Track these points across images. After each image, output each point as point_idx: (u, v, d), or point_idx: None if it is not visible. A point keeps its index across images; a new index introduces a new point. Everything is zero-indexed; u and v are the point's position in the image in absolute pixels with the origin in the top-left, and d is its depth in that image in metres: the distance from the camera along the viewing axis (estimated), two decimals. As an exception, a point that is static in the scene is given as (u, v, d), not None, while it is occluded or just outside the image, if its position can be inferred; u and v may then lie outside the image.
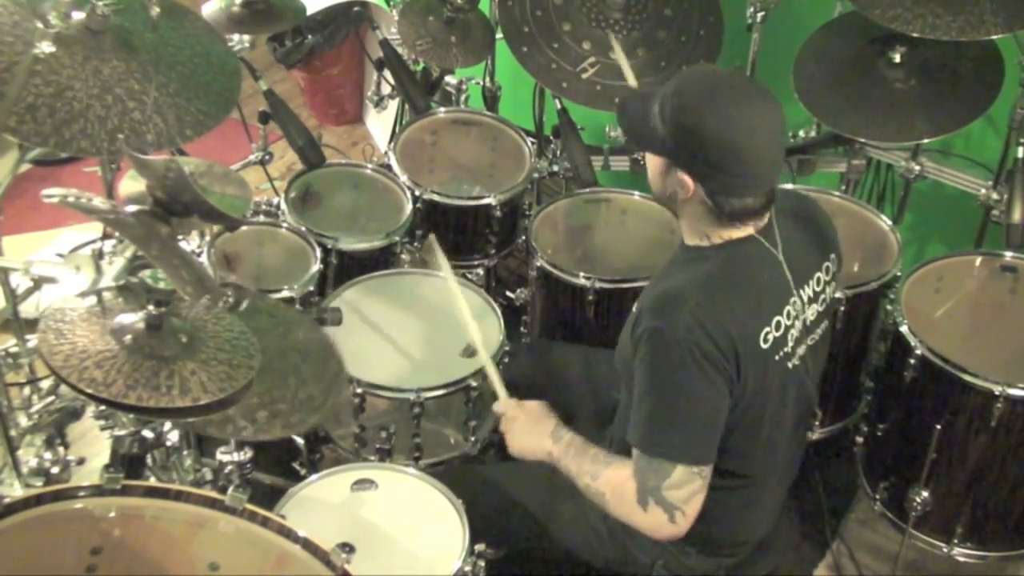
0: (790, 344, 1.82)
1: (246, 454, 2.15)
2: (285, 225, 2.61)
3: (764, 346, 1.76)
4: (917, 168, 2.83)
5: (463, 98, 3.29)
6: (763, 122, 1.72)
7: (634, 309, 1.87)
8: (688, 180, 1.75)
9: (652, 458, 1.76)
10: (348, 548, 1.80)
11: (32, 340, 2.08)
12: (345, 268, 2.59)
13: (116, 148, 1.69)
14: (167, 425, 2.08)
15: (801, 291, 1.84)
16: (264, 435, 1.75)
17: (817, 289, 1.87)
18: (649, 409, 1.77)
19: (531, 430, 2.00)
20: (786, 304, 1.81)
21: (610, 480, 1.84)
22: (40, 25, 1.71)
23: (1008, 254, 2.47)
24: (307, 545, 1.53)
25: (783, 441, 1.91)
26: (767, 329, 1.77)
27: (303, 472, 2.39)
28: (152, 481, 2.07)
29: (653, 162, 1.82)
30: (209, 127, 1.83)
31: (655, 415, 1.76)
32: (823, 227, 1.96)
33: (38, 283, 1.76)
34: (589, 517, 2.00)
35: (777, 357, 1.80)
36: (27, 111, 1.63)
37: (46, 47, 1.70)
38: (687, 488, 1.75)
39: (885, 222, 2.64)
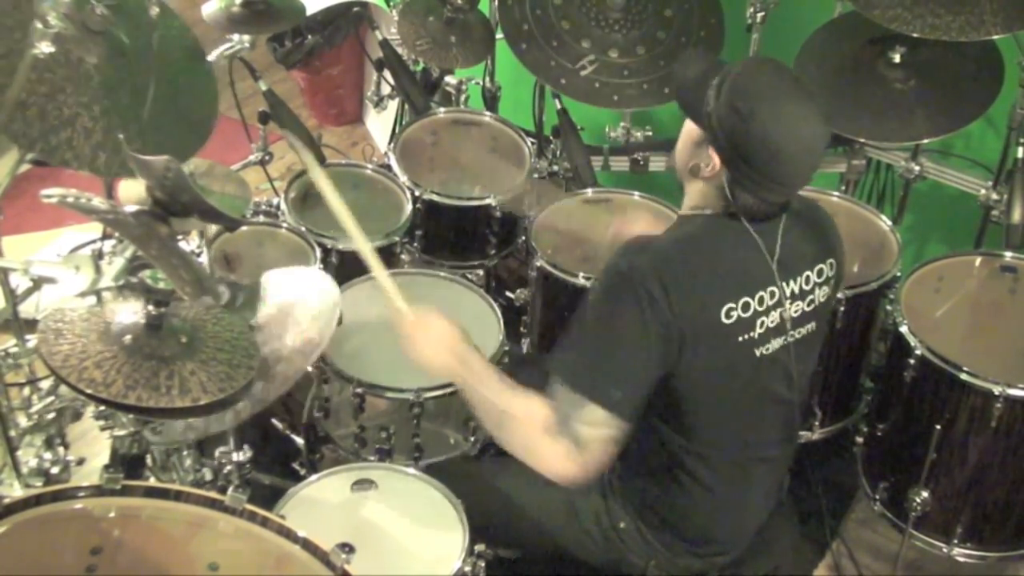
0: (758, 330, 1.79)
1: (246, 454, 2.16)
2: (285, 225, 2.61)
3: (725, 321, 1.75)
4: (917, 168, 2.83)
5: (463, 98, 3.29)
6: (808, 135, 1.72)
7: None
8: (717, 160, 1.74)
9: (573, 391, 1.72)
10: (348, 548, 1.80)
11: (32, 340, 2.08)
12: (345, 268, 2.59)
13: (97, 167, 1.70)
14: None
15: (784, 284, 1.82)
16: (262, 405, 1.76)
17: (805, 288, 1.85)
18: (582, 343, 1.76)
19: (437, 339, 1.84)
20: (759, 289, 1.79)
21: (524, 403, 1.77)
22: (40, 25, 1.71)
23: (1008, 254, 2.47)
24: (307, 545, 1.53)
25: (765, 437, 1.90)
26: (730, 305, 1.75)
27: (303, 472, 2.39)
28: (152, 481, 2.07)
29: (689, 130, 1.81)
30: (185, 157, 1.84)
31: (586, 350, 1.75)
32: (825, 232, 1.94)
33: (38, 283, 1.76)
34: (582, 519, 1.99)
35: (741, 339, 1.77)
36: (17, 108, 1.63)
37: (45, 47, 1.70)
38: (600, 430, 1.72)
39: (885, 222, 2.64)
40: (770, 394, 1.86)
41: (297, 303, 1.95)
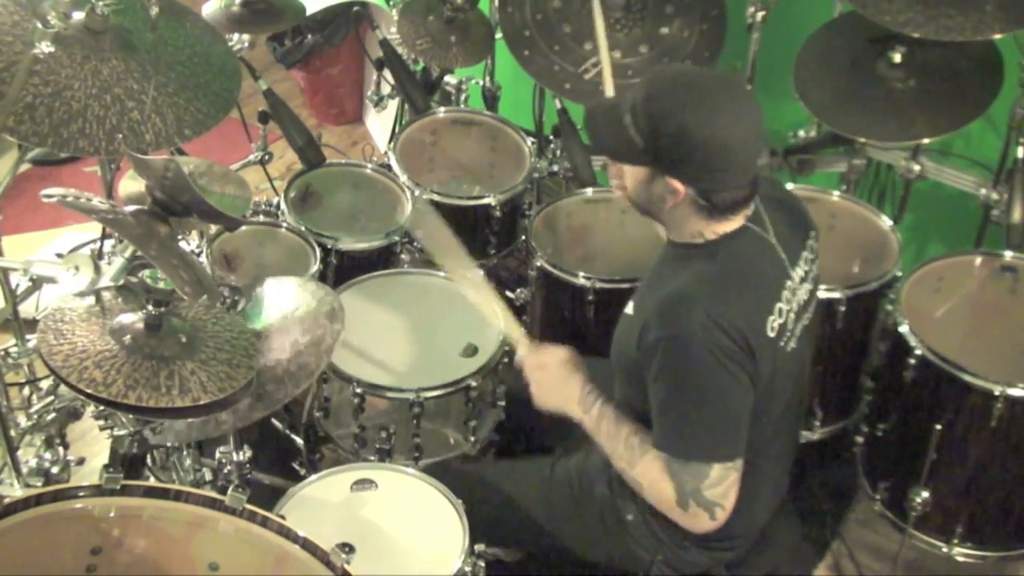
0: (790, 328, 1.82)
1: (246, 454, 2.16)
2: (285, 225, 2.61)
3: (771, 335, 1.77)
4: (917, 168, 2.83)
5: (463, 98, 3.29)
6: (740, 113, 1.72)
7: (629, 310, 1.87)
8: (678, 185, 1.73)
9: (688, 462, 1.75)
10: (348, 548, 1.80)
11: (32, 340, 2.08)
12: (345, 268, 2.59)
13: (114, 148, 1.69)
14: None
15: (794, 271, 1.84)
16: (245, 422, 1.76)
17: (806, 268, 1.88)
18: (677, 415, 1.76)
19: (558, 386, 1.96)
20: (783, 288, 1.81)
21: (646, 474, 1.82)
22: (40, 25, 1.71)
23: (1008, 254, 2.47)
24: (307, 545, 1.53)
25: (778, 432, 1.92)
26: (772, 317, 1.77)
27: (303, 472, 2.39)
28: (152, 481, 2.07)
29: (634, 173, 1.80)
30: (208, 127, 1.83)
31: (685, 420, 1.76)
32: (798, 207, 1.97)
33: (38, 283, 1.76)
34: (587, 516, 2.00)
35: (782, 343, 1.80)
36: (25, 111, 1.63)
37: (46, 47, 1.70)
38: (725, 484, 1.76)
39: (885, 222, 2.64)
40: (790, 385, 1.88)
41: (302, 323, 1.94)
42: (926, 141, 2.64)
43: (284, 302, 1.97)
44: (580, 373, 1.96)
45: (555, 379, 1.97)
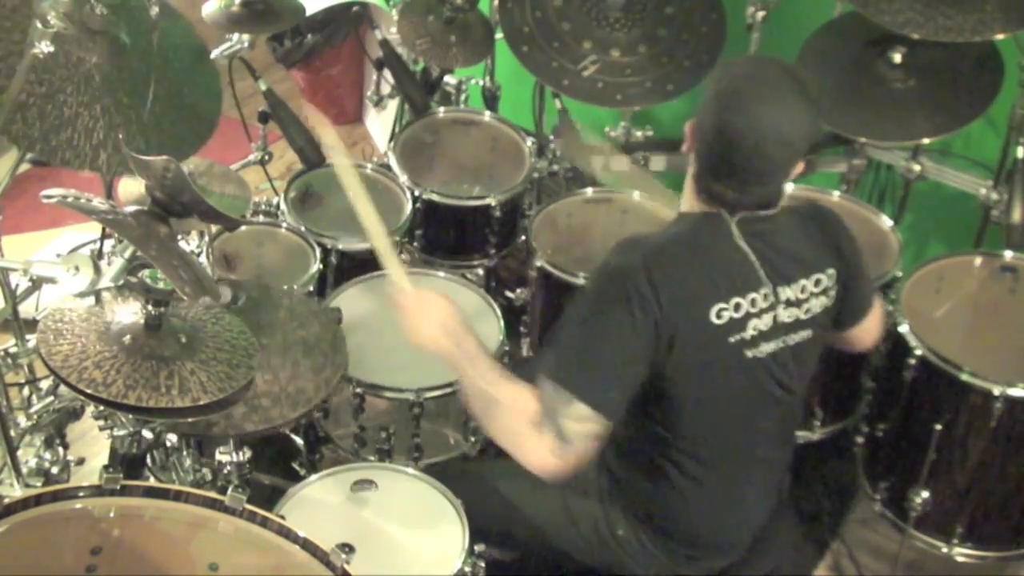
0: (750, 332, 1.77)
1: (245, 454, 2.16)
2: (285, 225, 2.61)
3: (716, 321, 1.73)
4: (917, 168, 2.83)
5: (463, 98, 3.29)
6: (772, 126, 1.69)
7: None
8: (689, 135, 1.79)
9: (560, 388, 1.71)
10: (348, 548, 1.80)
11: (32, 340, 2.08)
12: (345, 268, 2.59)
13: (98, 166, 1.69)
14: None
15: (779, 289, 1.79)
16: (235, 431, 1.76)
17: (800, 296, 1.81)
18: (571, 340, 1.75)
19: (432, 315, 1.82)
20: (752, 291, 1.76)
21: (512, 392, 1.76)
22: (40, 25, 1.71)
23: (1008, 254, 2.47)
24: (307, 545, 1.53)
25: (759, 440, 1.89)
26: (721, 305, 1.73)
27: (303, 472, 2.39)
28: (152, 481, 2.07)
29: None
30: (187, 155, 1.84)
31: (575, 347, 1.74)
32: (828, 239, 1.88)
33: (37, 283, 1.76)
34: (579, 525, 1.98)
35: (732, 340, 1.75)
36: (18, 109, 1.63)
37: (45, 47, 1.70)
38: (585, 425, 1.71)
39: (885, 222, 2.64)
40: (763, 396, 1.84)
41: (304, 345, 1.93)
42: (926, 141, 2.64)
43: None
44: (460, 315, 1.84)
45: (435, 311, 1.82)
